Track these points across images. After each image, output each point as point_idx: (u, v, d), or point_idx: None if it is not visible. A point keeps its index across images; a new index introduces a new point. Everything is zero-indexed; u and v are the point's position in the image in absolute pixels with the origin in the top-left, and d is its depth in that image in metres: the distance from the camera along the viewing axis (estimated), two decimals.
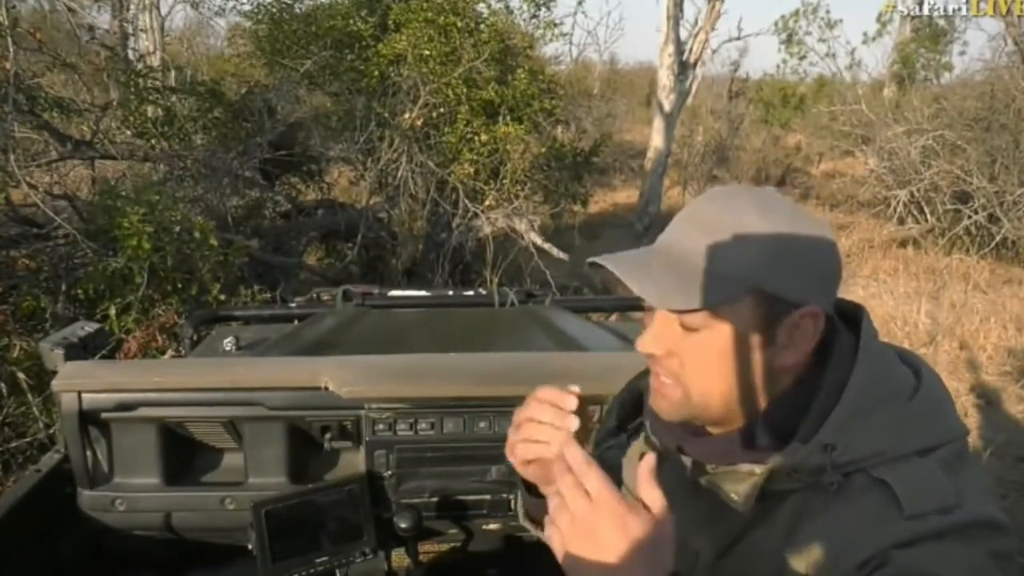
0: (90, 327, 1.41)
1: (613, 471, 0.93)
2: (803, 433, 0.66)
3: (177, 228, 3.22)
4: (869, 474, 0.64)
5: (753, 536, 0.70)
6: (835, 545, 0.63)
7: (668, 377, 0.71)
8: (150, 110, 4.60)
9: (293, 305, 2.27)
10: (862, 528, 0.62)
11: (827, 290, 0.69)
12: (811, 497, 0.66)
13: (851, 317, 0.73)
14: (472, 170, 5.11)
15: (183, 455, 1.37)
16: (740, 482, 0.70)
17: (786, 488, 0.67)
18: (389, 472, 1.31)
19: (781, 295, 0.66)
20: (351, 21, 5.30)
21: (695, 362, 0.68)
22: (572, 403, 0.77)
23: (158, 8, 8.13)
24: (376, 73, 5.13)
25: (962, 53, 13.60)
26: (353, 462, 1.37)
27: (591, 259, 0.71)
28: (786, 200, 0.70)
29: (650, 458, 0.62)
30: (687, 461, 0.76)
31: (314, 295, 2.30)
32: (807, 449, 0.65)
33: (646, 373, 0.95)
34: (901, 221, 7.66)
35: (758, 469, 0.68)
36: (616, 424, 0.96)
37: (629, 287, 0.66)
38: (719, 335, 0.66)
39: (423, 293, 2.28)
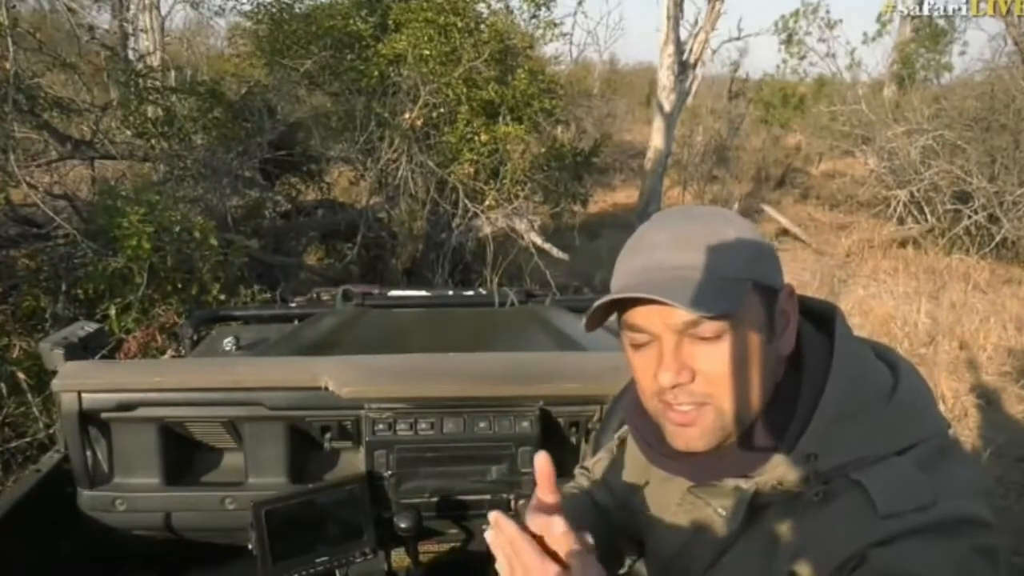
0: (90, 327, 1.41)
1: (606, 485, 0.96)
2: (785, 444, 0.67)
3: (177, 228, 3.22)
4: (846, 476, 0.64)
5: (739, 546, 0.70)
6: (816, 549, 0.63)
7: (695, 402, 0.68)
8: (150, 110, 4.60)
9: (293, 305, 2.27)
10: (840, 530, 0.62)
11: (779, 266, 0.72)
12: (792, 503, 0.67)
13: (823, 317, 0.74)
14: (472, 170, 5.11)
15: (183, 455, 1.37)
16: (727, 498, 0.70)
17: (771, 499, 0.68)
18: (389, 472, 1.31)
19: (769, 283, 0.68)
20: (351, 21, 5.29)
21: (726, 372, 0.66)
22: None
23: (158, 8, 8.12)
24: (376, 73, 5.13)
25: (962, 53, 13.61)
26: (353, 462, 1.37)
27: (599, 301, 0.69)
28: (717, 208, 0.75)
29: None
30: (672, 478, 0.77)
31: (314, 295, 2.30)
32: (790, 460, 0.66)
33: (624, 392, 0.96)
34: (901, 221, 7.66)
35: (744, 484, 0.68)
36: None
37: (668, 304, 0.63)
38: (741, 336, 0.66)
39: (423, 293, 2.28)
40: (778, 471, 0.67)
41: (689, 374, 0.67)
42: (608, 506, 0.92)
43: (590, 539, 0.63)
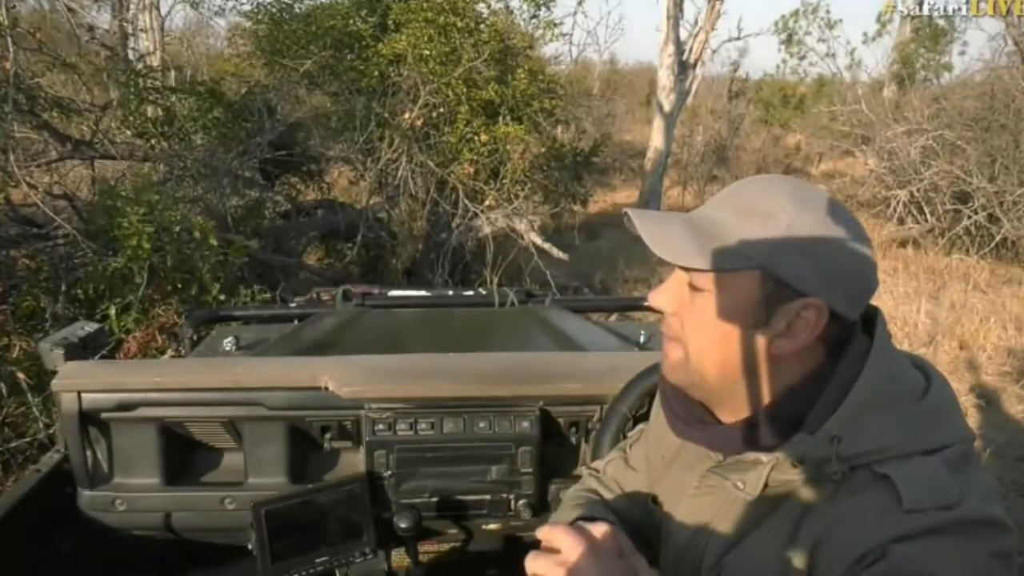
0: (90, 327, 1.41)
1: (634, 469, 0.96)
2: (810, 424, 0.67)
3: (177, 228, 3.22)
4: (872, 469, 0.64)
5: (759, 531, 0.70)
6: (837, 539, 0.63)
7: (671, 335, 0.74)
8: (150, 110, 4.60)
9: (293, 305, 2.27)
10: (863, 522, 0.62)
11: (845, 291, 0.68)
12: (815, 492, 0.67)
13: (866, 318, 0.74)
14: (472, 170, 5.11)
15: (183, 455, 1.37)
16: (746, 471, 0.71)
17: (791, 479, 0.68)
18: (389, 472, 1.31)
19: (787, 281, 0.67)
20: (351, 21, 5.29)
21: (694, 321, 0.71)
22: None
23: (158, 8, 8.12)
24: (376, 73, 5.13)
25: (962, 53, 13.65)
26: (353, 462, 1.37)
27: (627, 209, 0.74)
28: (827, 198, 0.70)
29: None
30: (697, 453, 0.78)
31: (314, 295, 2.30)
32: (814, 440, 0.66)
33: (652, 370, 0.97)
34: (901, 221, 7.66)
35: (765, 458, 0.69)
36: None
37: (644, 239, 0.69)
38: (719, 300, 0.69)
39: (423, 293, 2.28)
40: (800, 449, 0.66)
41: (673, 307, 0.73)
42: (621, 506, 0.92)
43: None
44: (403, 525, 1.26)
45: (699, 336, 0.71)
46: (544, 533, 0.67)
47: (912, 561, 0.59)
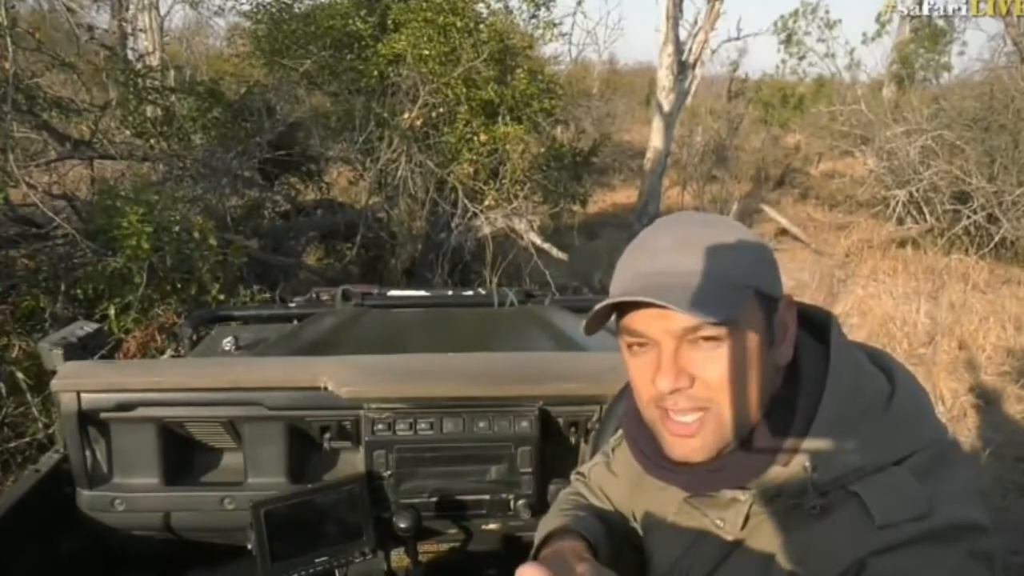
0: (89, 327, 1.41)
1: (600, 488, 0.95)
2: (783, 456, 0.67)
3: (176, 228, 3.22)
4: (844, 488, 0.64)
5: (738, 555, 0.71)
6: (815, 560, 0.64)
7: (694, 410, 0.67)
8: (149, 110, 4.60)
9: (293, 305, 2.27)
10: (839, 541, 0.63)
11: (781, 282, 0.72)
12: (791, 513, 0.67)
13: (818, 324, 0.74)
14: (471, 170, 5.12)
15: (183, 455, 1.37)
16: (725, 508, 0.71)
17: (769, 510, 0.68)
18: (389, 472, 1.31)
19: (770, 292, 0.68)
20: (350, 21, 5.29)
21: (726, 377, 0.66)
22: None
23: (157, 8, 8.12)
24: (375, 73, 5.13)
25: (961, 53, 13.66)
26: (353, 462, 1.37)
27: (600, 304, 0.68)
28: (719, 215, 0.76)
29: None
30: (668, 487, 0.77)
31: (313, 295, 2.30)
32: (788, 472, 0.66)
33: (622, 394, 0.96)
34: (900, 221, 7.66)
35: (742, 496, 0.69)
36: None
37: (671, 309, 0.63)
38: (741, 343, 0.66)
39: (423, 293, 2.28)
40: (776, 483, 0.67)
41: (688, 379, 0.66)
42: (607, 511, 0.92)
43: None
44: (403, 525, 1.26)
45: (734, 388, 0.66)
46: None
47: (890, 570, 0.60)
